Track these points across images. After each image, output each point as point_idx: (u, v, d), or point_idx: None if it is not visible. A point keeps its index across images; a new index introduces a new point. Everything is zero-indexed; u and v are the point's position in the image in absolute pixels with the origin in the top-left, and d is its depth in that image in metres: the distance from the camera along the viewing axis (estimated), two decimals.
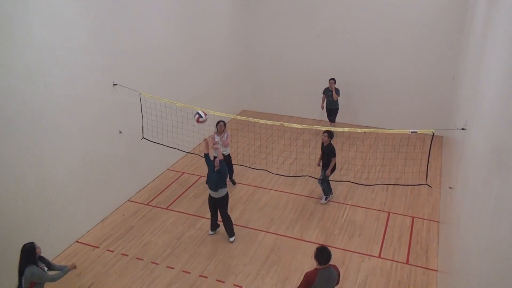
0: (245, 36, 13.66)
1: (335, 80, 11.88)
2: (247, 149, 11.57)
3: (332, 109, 12.15)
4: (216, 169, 7.59)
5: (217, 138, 9.18)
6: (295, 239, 8.16)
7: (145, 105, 9.03)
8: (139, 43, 9.06)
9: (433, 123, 11.01)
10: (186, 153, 10.55)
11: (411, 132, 6.97)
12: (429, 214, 8.87)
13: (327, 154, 8.78)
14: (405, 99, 12.51)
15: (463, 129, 6.35)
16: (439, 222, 8.55)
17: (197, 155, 10.42)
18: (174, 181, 10.24)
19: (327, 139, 8.74)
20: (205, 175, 10.40)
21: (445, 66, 11.66)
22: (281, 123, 7.97)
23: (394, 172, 10.22)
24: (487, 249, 3.47)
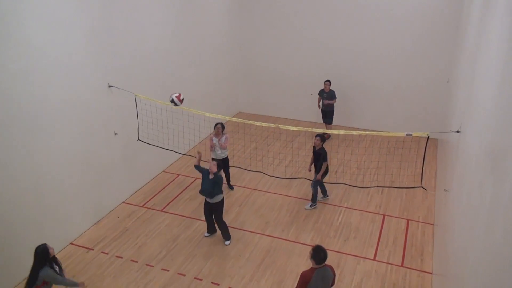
0: (241, 38, 13.68)
1: (330, 81, 11.91)
2: (242, 151, 11.57)
3: (327, 111, 12.16)
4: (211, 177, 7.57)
5: (215, 140, 9.13)
6: (291, 241, 8.15)
7: (141, 107, 9.00)
8: (134, 45, 9.04)
9: (428, 125, 11.05)
10: (182, 155, 10.53)
11: (406, 135, 6.99)
12: (424, 216, 8.89)
13: (319, 157, 8.77)
14: (400, 102, 12.55)
15: (457, 131, 6.38)
16: (434, 224, 8.57)
17: (193, 156, 10.40)
18: (169, 183, 10.21)
19: (319, 143, 8.72)
20: (200, 177, 10.39)
21: (440, 69, 11.72)
22: (277, 125, 7.97)
23: (389, 174, 10.24)
24: (482, 251, 3.47)
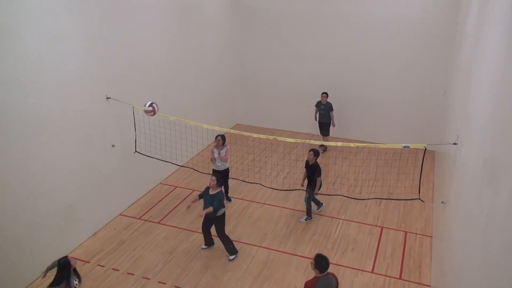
0: (239, 50, 13.76)
1: (327, 94, 11.95)
2: (240, 163, 11.56)
3: (324, 123, 12.18)
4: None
5: (216, 152, 9.11)
6: (288, 254, 8.11)
7: (138, 119, 9.01)
8: (132, 57, 9.08)
9: (425, 137, 11.07)
10: (179, 166, 10.51)
11: (404, 147, 7.01)
12: (422, 228, 8.87)
13: (312, 172, 8.75)
14: (397, 114, 12.60)
15: (455, 143, 6.40)
16: (432, 237, 8.55)
17: (191, 168, 10.39)
18: (166, 195, 10.17)
19: (312, 158, 8.70)
20: (197, 189, 10.39)
21: (436, 81, 11.79)
22: (274, 137, 7.98)
23: (387, 186, 10.24)
24: (480, 264, 3.46)
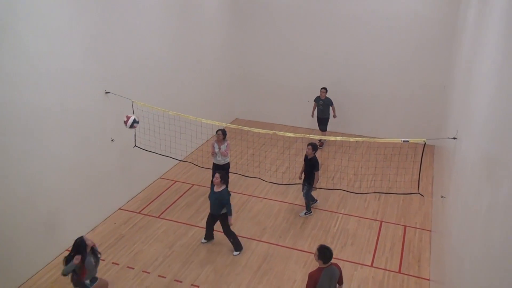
0: (238, 45, 13.72)
1: (326, 89, 11.92)
2: (240, 157, 11.56)
3: (323, 118, 12.16)
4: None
5: (216, 147, 9.10)
6: (288, 248, 8.13)
7: (137, 113, 8.99)
8: (131, 51, 9.05)
9: (425, 132, 11.08)
10: (179, 161, 10.51)
11: (403, 141, 7.01)
12: (421, 223, 8.90)
13: (310, 166, 8.75)
14: (396, 109, 12.60)
15: (454, 138, 6.41)
16: (431, 231, 8.58)
17: (190, 163, 10.39)
18: (166, 189, 10.18)
19: (311, 152, 8.69)
20: (197, 183, 10.40)
21: (436, 76, 11.79)
22: (274, 131, 7.99)
23: (386, 181, 10.26)
24: (479, 258, 3.48)
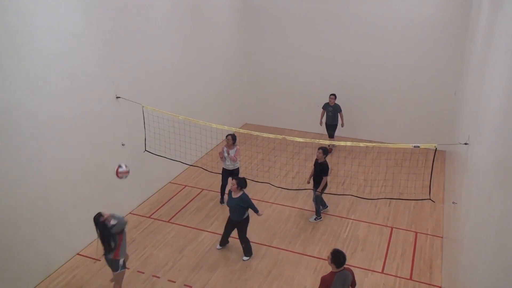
0: (248, 50, 13.77)
1: (335, 95, 11.87)
2: (249, 162, 11.57)
3: (331, 124, 12.09)
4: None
5: (226, 151, 9.11)
6: (298, 253, 8.10)
7: (148, 118, 9.06)
8: (142, 57, 9.13)
9: (436, 137, 11.00)
10: (189, 165, 10.55)
11: (414, 147, 6.97)
12: (433, 229, 8.81)
13: (320, 171, 8.72)
14: (407, 114, 12.52)
15: (466, 143, 6.35)
16: (442, 237, 8.49)
17: (200, 167, 10.42)
18: (176, 194, 10.22)
19: (321, 156, 8.67)
20: (206, 188, 10.43)
21: (447, 81, 11.70)
22: (283, 136, 7.98)
23: (397, 186, 10.18)
24: (491, 265, 3.43)
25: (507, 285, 2.87)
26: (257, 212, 7.74)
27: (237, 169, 9.35)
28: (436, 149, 6.88)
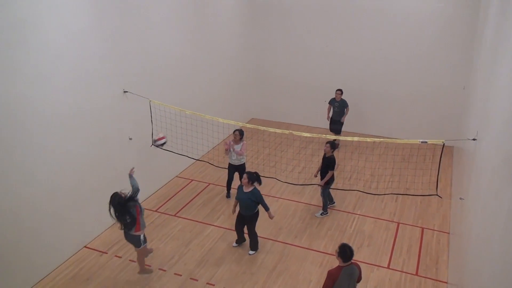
0: (254, 45, 13.74)
1: (342, 91, 11.79)
2: (256, 157, 11.57)
3: (337, 120, 11.98)
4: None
5: (232, 146, 9.12)
6: (303, 248, 8.11)
7: (155, 112, 9.09)
8: (149, 51, 9.14)
9: (444, 133, 10.94)
10: (195, 160, 10.58)
11: (421, 142, 6.93)
12: (439, 225, 8.78)
13: (327, 165, 8.69)
14: (415, 109, 12.44)
15: (474, 139, 6.31)
16: (449, 233, 8.45)
17: (206, 162, 10.45)
18: (182, 188, 10.26)
19: (329, 150, 8.65)
20: (213, 182, 10.45)
21: (456, 76, 11.60)
22: (290, 131, 7.98)
23: (403, 182, 10.15)
24: (498, 262, 3.41)
25: None
26: (267, 210, 7.63)
27: (243, 164, 9.36)
28: (444, 144, 6.84)
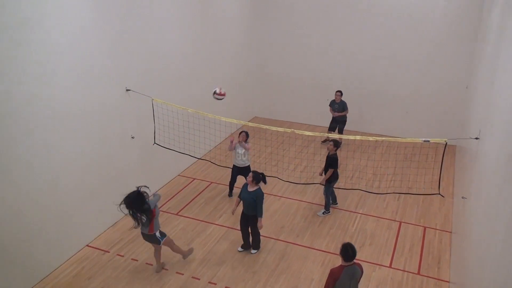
0: (256, 43, 13.73)
1: (341, 92, 11.72)
2: (258, 155, 11.58)
3: (340, 120, 11.95)
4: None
5: (238, 147, 9.12)
6: (305, 247, 8.11)
7: (157, 111, 9.10)
8: (152, 49, 9.15)
9: (446, 132, 10.91)
10: (197, 159, 10.59)
11: (424, 141, 6.92)
12: (442, 224, 8.76)
13: (329, 164, 8.67)
14: (417, 108, 12.42)
15: (476, 138, 6.29)
16: (451, 232, 8.44)
17: (208, 161, 10.45)
18: (184, 186, 10.27)
19: (332, 148, 8.64)
20: (215, 181, 10.46)
21: (459, 75, 11.58)
22: (292, 130, 7.97)
23: (406, 181, 10.13)
24: (500, 261, 3.41)
25: None
26: (259, 216, 7.45)
27: (248, 166, 9.31)
28: (446, 143, 6.83)
